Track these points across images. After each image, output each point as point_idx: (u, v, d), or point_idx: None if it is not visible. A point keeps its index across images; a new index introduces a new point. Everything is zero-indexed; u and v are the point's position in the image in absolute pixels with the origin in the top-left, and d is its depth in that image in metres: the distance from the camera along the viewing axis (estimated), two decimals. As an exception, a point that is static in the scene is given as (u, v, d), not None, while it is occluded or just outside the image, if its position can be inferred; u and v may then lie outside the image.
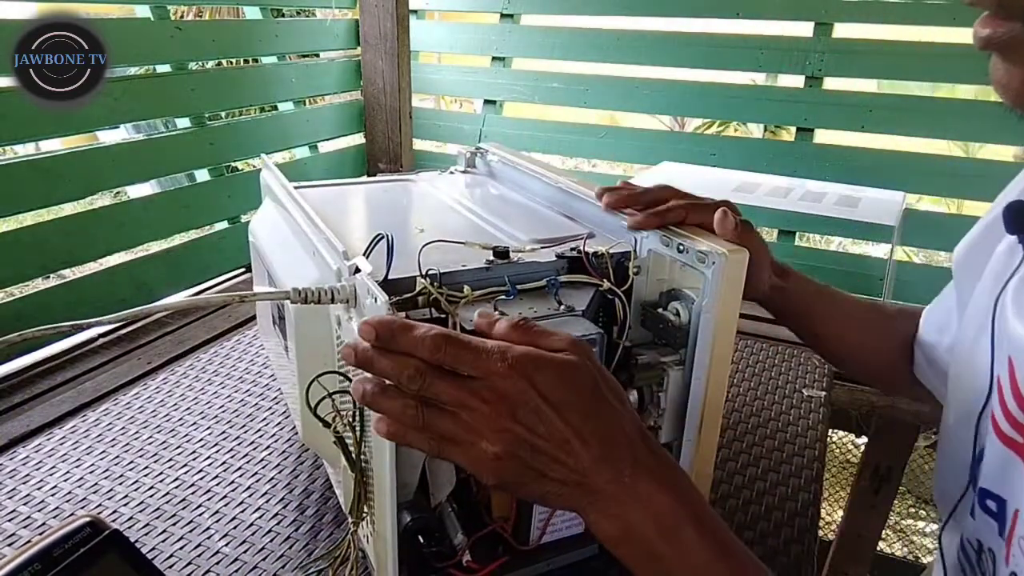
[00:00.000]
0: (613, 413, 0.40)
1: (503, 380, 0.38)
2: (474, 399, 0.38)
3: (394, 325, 0.39)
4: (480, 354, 0.38)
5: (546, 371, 0.38)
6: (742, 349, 1.02)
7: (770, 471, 0.75)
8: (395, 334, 0.39)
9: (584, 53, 1.59)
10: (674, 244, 0.53)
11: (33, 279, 1.01)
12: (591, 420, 0.39)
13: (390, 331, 0.39)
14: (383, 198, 0.80)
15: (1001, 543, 0.45)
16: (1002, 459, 0.45)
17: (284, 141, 1.48)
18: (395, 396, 0.39)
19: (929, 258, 2.40)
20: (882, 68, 1.38)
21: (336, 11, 1.52)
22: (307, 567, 0.59)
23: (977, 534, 0.48)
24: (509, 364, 0.38)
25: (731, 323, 0.52)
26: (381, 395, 0.39)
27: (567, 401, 0.38)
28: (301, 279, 0.54)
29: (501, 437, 0.38)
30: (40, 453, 0.73)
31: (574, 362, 0.40)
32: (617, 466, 0.39)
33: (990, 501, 0.46)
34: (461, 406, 0.38)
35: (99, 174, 1.05)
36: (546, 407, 0.38)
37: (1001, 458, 0.45)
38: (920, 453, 2.26)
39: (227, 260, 1.28)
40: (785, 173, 1.39)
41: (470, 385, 0.38)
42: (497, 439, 0.38)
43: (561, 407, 0.38)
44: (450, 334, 0.39)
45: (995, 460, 0.46)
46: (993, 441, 0.46)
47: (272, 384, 0.87)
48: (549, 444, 0.38)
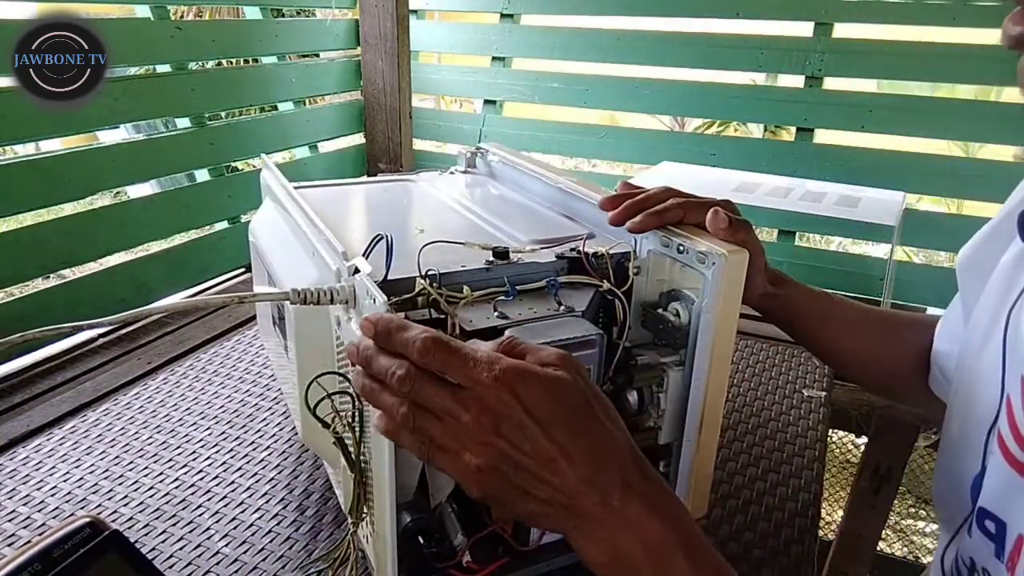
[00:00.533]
0: (604, 433, 0.39)
1: (488, 391, 0.37)
2: (459, 407, 0.37)
3: (391, 324, 0.39)
4: (468, 362, 0.37)
5: (533, 385, 0.37)
6: (742, 349, 1.02)
7: (770, 471, 0.75)
8: (391, 333, 0.39)
9: (584, 53, 1.59)
10: (674, 245, 0.53)
11: (33, 279, 1.01)
12: (579, 438, 0.38)
13: (387, 330, 0.39)
14: (383, 198, 0.80)
15: (997, 564, 0.44)
16: (1006, 481, 0.44)
17: (284, 141, 1.48)
18: (393, 393, 0.39)
19: (929, 258, 2.40)
20: (882, 68, 1.38)
21: (336, 11, 1.52)
22: (307, 567, 0.59)
23: (971, 552, 0.48)
24: (495, 376, 0.37)
25: (731, 323, 0.52)
26: (379, 391, 0.39)
27: (554, 418, 0.37)
28: (301, 279, 0.54)
29: (484, 450, 0.37)
30: (40, 453, 0.73)
31: (563, 378, 0.38)
32: (606, 488, 0.37)
33: (989, 522, 0.45)
34: (447, 414, 0.38)
35: (99, 174, 1.05)
36: (531, 423, 0.37)
37: (1005, 480, 0.44)
38: (920, 453, 2.26)
39: (227, 260, 1.28)
40: (785, 173, 1.39)
41: (457, 393, 0.37)
42: (479, 451, 0.37)
43: (547, 424, 0.37)
44: (441, 338, 0.38)
45: (998, 481, 0.45)
46: (999, 462, 0.45)
47: (272, 384, 0.87)
48: (533, 461, 0.37)
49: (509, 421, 0.37)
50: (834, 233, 1.84)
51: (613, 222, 0.57)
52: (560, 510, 0.38)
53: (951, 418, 0.54)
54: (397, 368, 0.38)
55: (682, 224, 0.55)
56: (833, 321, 0.67)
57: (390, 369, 0.38)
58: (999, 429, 0.45)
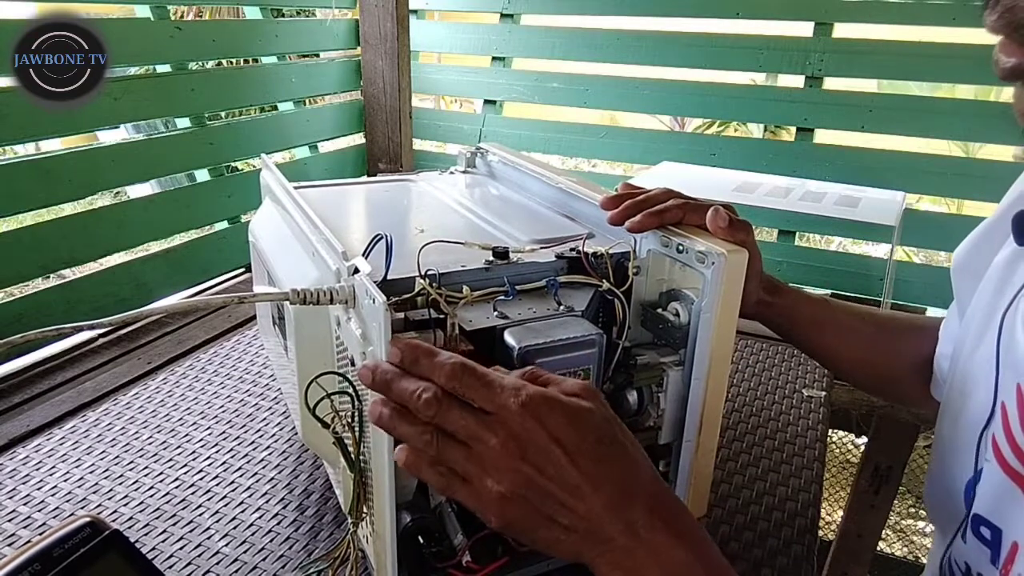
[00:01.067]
0: (629, 461, 0.39)
1: (514, 417, 0.37)
2: (486, 432, 0.37)
3: (420, 349, 0.39)
4: (495, 388, 0.38)
5: (558, 413, 0.38)
6: (742, 349, 1.02)
7: (770, 471, 0.75)
8: (418, 359, 0.39)
9: (584, 53, 1.59)
10: (674, 244, 0.53)
11: (33, 279, 1.01)
12: (603, 465, 0.38)
13: (415, 355, 0.39)
14: (383, 198, 0.80)
15: (992, 570, 0.44)
16: (1001, 487, 0.44)
17: (284, 141, 1.48)
18: (412, 421, 0.39)
19: (929, 258, 2.40)
20: (882, 68, 1.38)
21: (336, 11, 1.52)
22: (307, 567, 0.59)
23: (966, 557, 0.48)
24: (522, 402, 0.37)
25: (731, 323, 0.52)
26: (398, 419, 0.39)
27: (579, 445, 0.38)
28: (301, 279, 0.54)
29: (508, 476, 0.37)
30: (40, 453, 0.73)
31: (588, 407, 0.39)
32: (631, 515, 0.38)
33: (984, 528, 0.45)
34: (472, 438, 0.38)
35: (99, 174, 1.05)
36: (557, 449, 0.37)
37: (1000, 486, 0.44)
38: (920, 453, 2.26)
39: (227, 260, 1.28)
40: (785, 173, 1.38)
41: (483, 419, 0.38)
42: (504, 477, 0.37)
43: (572, 451, 0.37)
44: (469, 364, 0.39)
45: (993, 487, 0.45)
46: (993, 468, 0.45)
47: (272, 384, 0.87)
48: (558, 488, 0.37)
49: (535, 447, 0.37)
50: (834, 233, 1.84)
51: (613, 221, 0.57)
52: (583, 537, 0.38)
53: (943, 419, 0.54)
54: (424, 391, 0.38)
55: (682, 224, 0.55)
56: (831, 327, 0.66)
57: (416, 392, 0.38)
58: (993, 435, 0.45)
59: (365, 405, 0.46)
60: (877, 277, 1.35)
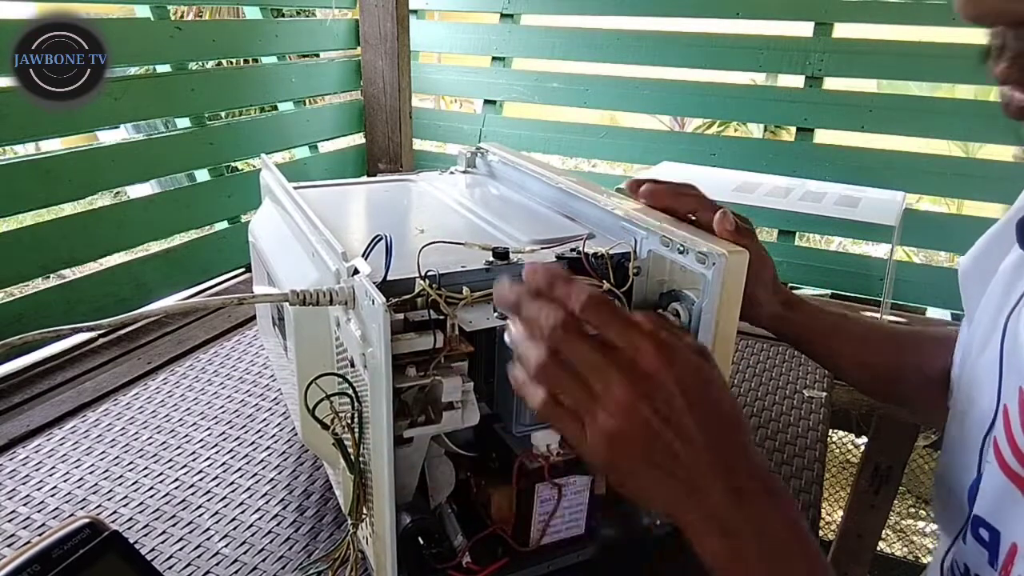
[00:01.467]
0: (740, 427, 0.39)
1: (646, 357, 0.36)
2: (612, 367, 0.36)
3: (557, 273, 0.39)
4: (631, 325, 0.37)
5: (689, 364, 0.37)
6: (742, 349, 1.02)
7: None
8: (554, 282, 0.39)
9: (584, 53, 1.59)
10: (674, 245, 0.53)
11: (33, 279, 1.01)
12: (718, 425, 0.38)
13: (551, 279, 0.39)
14: (383, 198, 0.80)
15: (991, 573, 0.44)
16: (1001, 490, 0.44)
17: (284, 141, 1.48)
18: (537, 341, 0.38)
19: (929, 258, 2.40)
20: (882, 68, 1.38)
21: (336, 11, 1.52)
22: (307, 568, 0.59)
23: (965, 558, 0.48)
24: (657, 343, 0.37)
25: (731, 324, 0.52)
26: (525, 337, 0.39)
27: (701, 398, 0.37)
28: (301, 280, 0.54)
29: (625, 413, 0.36)
30: (40, 453, 0.73)
31: (712, 366, 0.39)
32: (735, 477, 0.37)
33: (983, 530, 0.45)
34: (595, 370, 0.37)
35: (99, 174, 1.05)
36: (680, 396, 0.36)
37: (1000, 489, 0.44)
38: (920, 453, 2.26)
39: (227, 260, 1.28)
40: (785, 173, 1.38)
41: (613, 353, 0.37)
42: (621, 414, 0.36)
43: (694, 403, 0.37)
44: (605, 296, 0.39)
45: (993, 489, 0.45)
46: (994, 471, 0.44)
47: (272, 384, 0.87)
48: (674, 434, 0.36)
49: (661, 388, 0.36)
50: (834, 233, 1.85)
51: (630, 187, 0.59)
52: (686, 489, 0.37)
53: (951, 423, 0.54)
54: (553, 312, 0.38)
55: (692, 217, 0.56)
56: (851, 343, 0.66)
57: (545, 312, 0.38)
58: (995, 437, 0.45)
59: (365, 406, 0.46)
60: (877, 277, 1.35)
